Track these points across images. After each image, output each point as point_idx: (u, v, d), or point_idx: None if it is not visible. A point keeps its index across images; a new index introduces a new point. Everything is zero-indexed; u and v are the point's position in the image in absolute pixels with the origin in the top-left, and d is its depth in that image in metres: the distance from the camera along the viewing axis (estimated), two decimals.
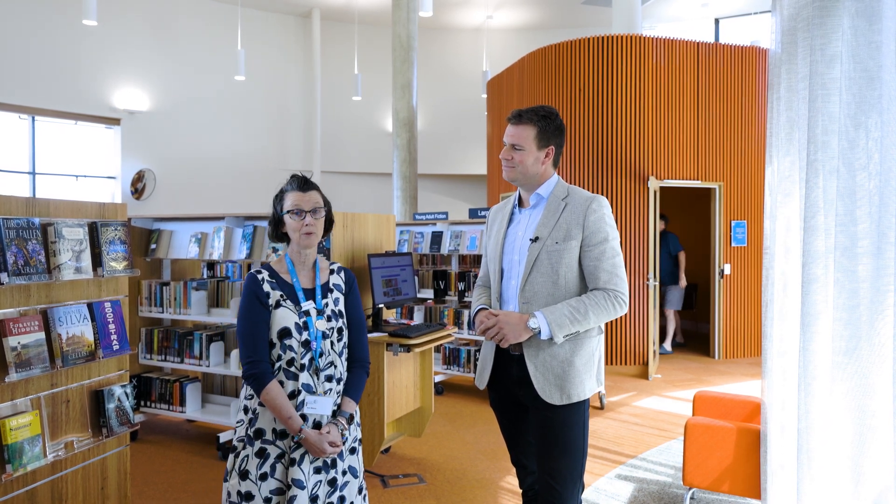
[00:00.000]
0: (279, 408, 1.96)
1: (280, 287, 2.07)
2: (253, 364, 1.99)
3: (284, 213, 2.08)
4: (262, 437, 2.00)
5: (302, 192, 2.09)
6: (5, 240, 2.38)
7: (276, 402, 1.96)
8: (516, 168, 2.14)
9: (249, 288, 2.05)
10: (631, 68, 7.17)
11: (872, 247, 2.27)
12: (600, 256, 2.06)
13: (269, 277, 2.08)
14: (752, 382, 6.31)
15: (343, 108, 13.65)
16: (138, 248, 4.62)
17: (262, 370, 1.99)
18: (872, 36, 2.26)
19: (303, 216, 2.06)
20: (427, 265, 6.88)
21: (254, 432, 2.00)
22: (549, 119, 2.13)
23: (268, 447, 1.99)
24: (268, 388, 1.97)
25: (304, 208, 2.06)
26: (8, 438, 2.34)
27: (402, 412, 3.99)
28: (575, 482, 2.09)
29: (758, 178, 7.58)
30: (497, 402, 2.29)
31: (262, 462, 1.97)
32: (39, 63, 10.15)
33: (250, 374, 1.98)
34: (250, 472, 1.97)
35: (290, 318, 2.03)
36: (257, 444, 1.99)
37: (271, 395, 1.97)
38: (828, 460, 2.39)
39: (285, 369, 2.02)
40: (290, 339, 2.02)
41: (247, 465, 1.98)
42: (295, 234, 2.08)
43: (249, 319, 2.03)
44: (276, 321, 2.03)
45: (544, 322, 2.00)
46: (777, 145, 2.65)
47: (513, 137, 2.14)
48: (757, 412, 3.36)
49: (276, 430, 2.00)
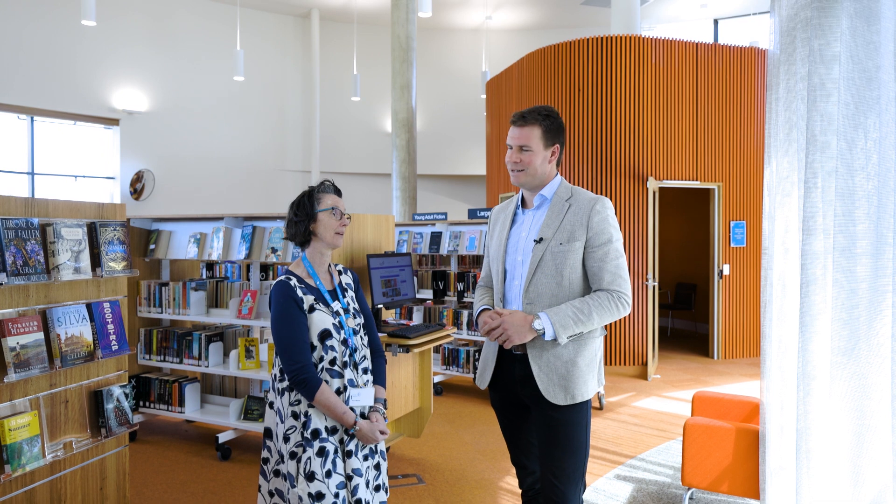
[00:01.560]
0: (333, 406, 2.07)
1: (309, 291, 2.16)
2: (301, 369, 2.06)
3: (323, 210, 2.20)
4: (319, 436, 2.08)
5: (338, 196, 2.29)
6: (4, 240, 2.38)
7: (329, 401, 2.07)
8: (526, 171, 2.14)
9: (286, 294, 2.12)
10: (630, 69, 7.18)
11: (871, 247, 2.27)
12: (604, 257, 2.07)
13: (298, 283, 2.15)
14: (751, 383, 6.31)
15: (342, 109, 13.66)
16: (137, 249, 4.61)
17: (311, 374, 2.07)
18: (871, 36, 2.26)
19: (340, 216, 2.22)
20: (426, 265, 6.88)
21: (311, 433, 2.07)
22: (551, 118, 2.15)
23: (326, 445, 2.08)
24: (320, 390, 2.06)
25: (342, 209, 2.24)
26: (7, 439, 2.34)
27: (401, 412, 3.99)
28: (578, 481, 2.11)
29: (757, 179, 7.59)
30: (498, 402, 2.30)
31: (324, 460, 2.06)
32: (38, 63, 10.14)
33: (300, 379, 2.05)
34: (316, 472, 2.04)
35: (328, 320, 2.15)
36: (316, 444, 2.07)
37: (324, 396, 2.07)
38: (826, 460, 2.39)
39: (329, 369, 2.12)
40: (331, 340, 2.13)
41: (311, 466, 2.04)
42: (329, 233, 2.20)
43: (290, 326, 2.10)
44: (314, 324, 2.12)
45: (549, 323, 2.01)
46: (776, 146, 2.65)
47: (519, 139, 2.14)
48: (756, 412, 3.36)
49: (327, 427, 2.10)
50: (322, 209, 2.20)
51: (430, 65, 13.84)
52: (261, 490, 2.20)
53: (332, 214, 2.21)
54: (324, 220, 2.20)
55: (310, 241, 2.23)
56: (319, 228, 2.20)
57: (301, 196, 2.25)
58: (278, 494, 2.14)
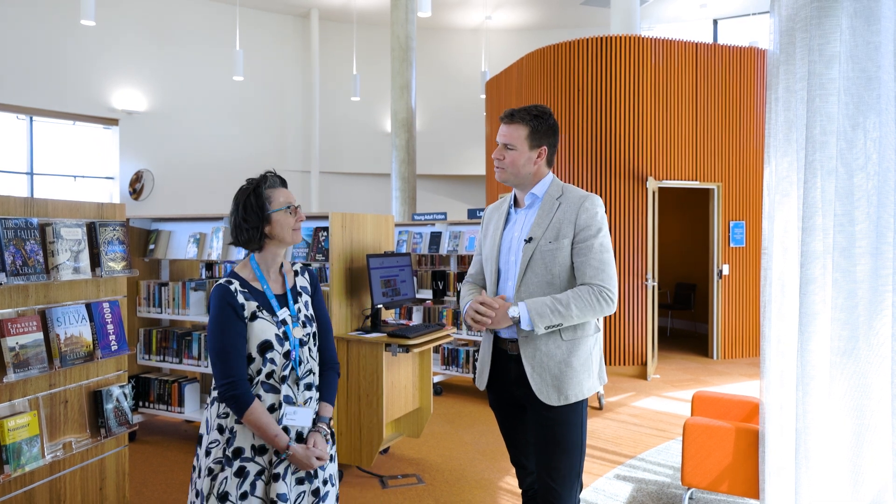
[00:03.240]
0: (264, 427, 1.86)
1: (253, 296, 1.94)
2: (231, 385, 1.86)
3: (276, 210, 1.95)
4: (241, 455, 1.88)
5: (285, 188, 2.04)
6: (3, 240, 2.37)
7: (259, 421, 1.86)
8: (507, 169, 2.14)
9: (223, 300, 1.89)
10: (629, 69, 7.18)
11: (870, 247, 2.27)
12: (587, 252, 2.05)
13: (240, 287, 1.93)
14: (751, 383, 6.31)
15: (341, 109, 13.65)
16: (136, 249, 4.61)
17: (243, 390, 1.86)
18: (870, 37, 2.26)
19: (296, 211, 2.00)
20: (426, 265, 6.88)
21: (232, 452, 1.88)
22: (541, 118, 2.12)
23: (247, 465, 1.88)
24: (251, 408, 1.85)
25: (294, 203, 2.01)
26: (6, 439, 2.34)
27: (400, 412, 3.99)
28: (573, 481, 2.10)
29: (756, 179, 7.59)
30: (496, 403, 2.30)
31: (242, 481, 1.86)
32: (37, 63, 10.14)
33: (230, 395, 1.85)
34: (230, 493, 1.84)
35: (270, 330, 1.92)
36: (236, 463, 1.87)
37: (255, 415, 1.86)
38: (826, 460, 2.39)
39: (264, 382, 1.91)
40: (272, 353, 1.91)
41: (226, 486, 1.85)
42: (287, 232, 1.97)
43: (225, 335, 1.88)
44: (254, 334, 1.90)
45: (525, 311, 2.00)
46: (775, 146, 2.65)
47: (505, 137, 2.14)
48: (755, 412, 3.36)
49: (254, 446, 1.90)
50: (276, 209, 1.95)
51: (429, 65, 13.84)
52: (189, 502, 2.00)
53: (287, 213, 1.96)
54: (280, 220, 1.95)
55: (264, 244, 1.98)
56: (276, 230, 1.95)
57: (245, 195, 1.96)
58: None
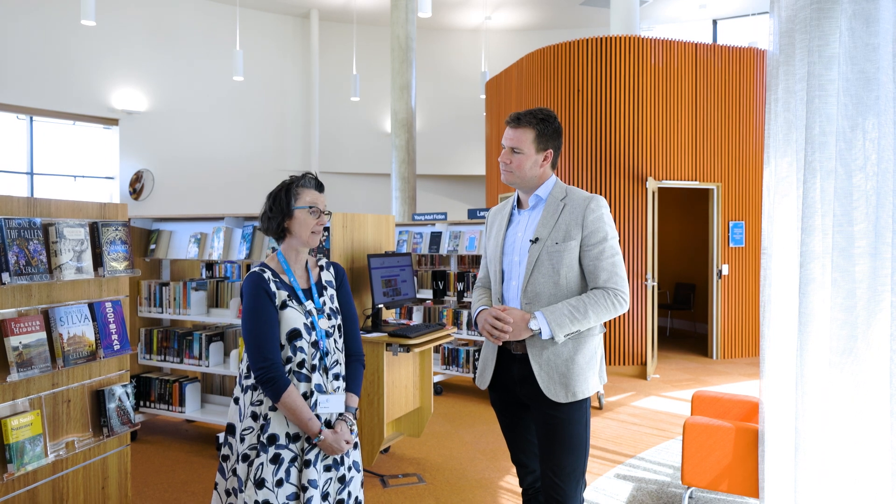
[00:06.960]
0: (298, 411, 1.93)
1: (283, 286, 2.03)
2: (269, 368, 1.92)
3: (300, 207, 2.05)
4: (276, 442, 1.95)
5: (319, 191, 2.12)
6: (7, 240, 2.38)
7: (294, 405, 1.93)
8: (514, 172, 2.16)
9: (258, 285, 1.98)
10: (629, 69, 7.19)
11: (870, 247, 2.28)
12: (600, 255, 2.08)
13: (272, 276, 2.02)
14: (750, 382, 6.33)
15: (341, 109, 13.65)
16: (138, 249, 4.62)
17: (279, 373, 1.92)
18: (869, 38, 2.28)
19: (319, 214, 2.08)
20: (426, 265, 6.89)
21: (267, 438, 1.94)
22: (547, 122, 2.15)
23: (282, 452, 1.95)
24: (287, 392, 1.92)
25: (321, 208, 2.09)
26: (9, 438, 2.35)
27: (401, 412, 4.00)
28: (578, 479, 2.12)
29: (756, 179, 7.61)
30: (498, 403, 2.31)
31: (278, 468, 1.93)
32: (37, 63, 10.14)
33: (267, 377, 1.91)
34: (266, 479, 1.91)
35: (299, 319, 2.00)
36: (271, 450, 1.94)
37: (291, 398, 1.92)
38: (825, 459, 2.41)
39: (296, 371, 1.98)
40: (301, 341, 1.99)
41: (262, 472, 1.92)
42: (305, 231, 2.05)
43: (260, 319, 1.95)
44: (284, 322, 1.98)
45: (545, 322, 2.03)
46: (775, 146, 2.67)
47: (511, 141, 2.16)
48: (755, 412, 3.37)
49: (288, 433, 1.97)
50: (299, 206, 2.05)
51: (429, 65, 13.84)
52: (217, 488, 2.09)
53: (309, 213, 2.05)
54: (300, 218, 2.04)
55: (284, 237, 2.09)
56: (294, 226, 2.05)
57: (279, 188, 2.08)
58: (234, 494, 2.01)
